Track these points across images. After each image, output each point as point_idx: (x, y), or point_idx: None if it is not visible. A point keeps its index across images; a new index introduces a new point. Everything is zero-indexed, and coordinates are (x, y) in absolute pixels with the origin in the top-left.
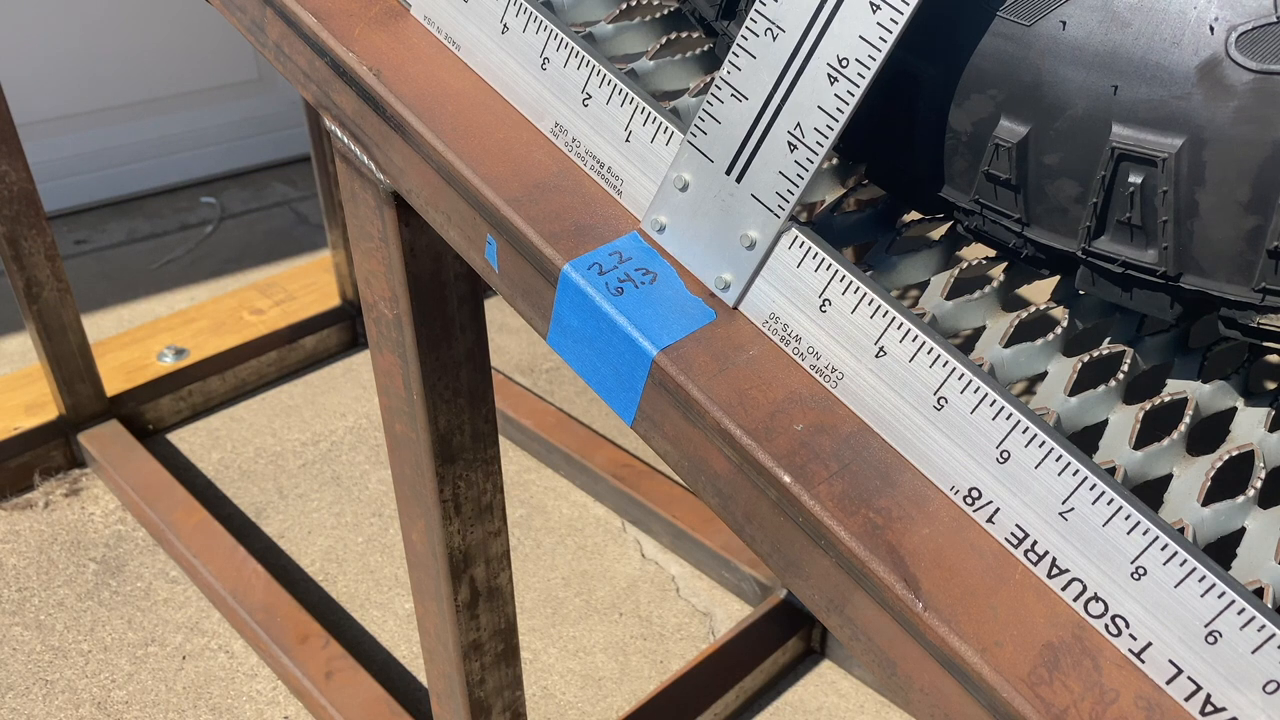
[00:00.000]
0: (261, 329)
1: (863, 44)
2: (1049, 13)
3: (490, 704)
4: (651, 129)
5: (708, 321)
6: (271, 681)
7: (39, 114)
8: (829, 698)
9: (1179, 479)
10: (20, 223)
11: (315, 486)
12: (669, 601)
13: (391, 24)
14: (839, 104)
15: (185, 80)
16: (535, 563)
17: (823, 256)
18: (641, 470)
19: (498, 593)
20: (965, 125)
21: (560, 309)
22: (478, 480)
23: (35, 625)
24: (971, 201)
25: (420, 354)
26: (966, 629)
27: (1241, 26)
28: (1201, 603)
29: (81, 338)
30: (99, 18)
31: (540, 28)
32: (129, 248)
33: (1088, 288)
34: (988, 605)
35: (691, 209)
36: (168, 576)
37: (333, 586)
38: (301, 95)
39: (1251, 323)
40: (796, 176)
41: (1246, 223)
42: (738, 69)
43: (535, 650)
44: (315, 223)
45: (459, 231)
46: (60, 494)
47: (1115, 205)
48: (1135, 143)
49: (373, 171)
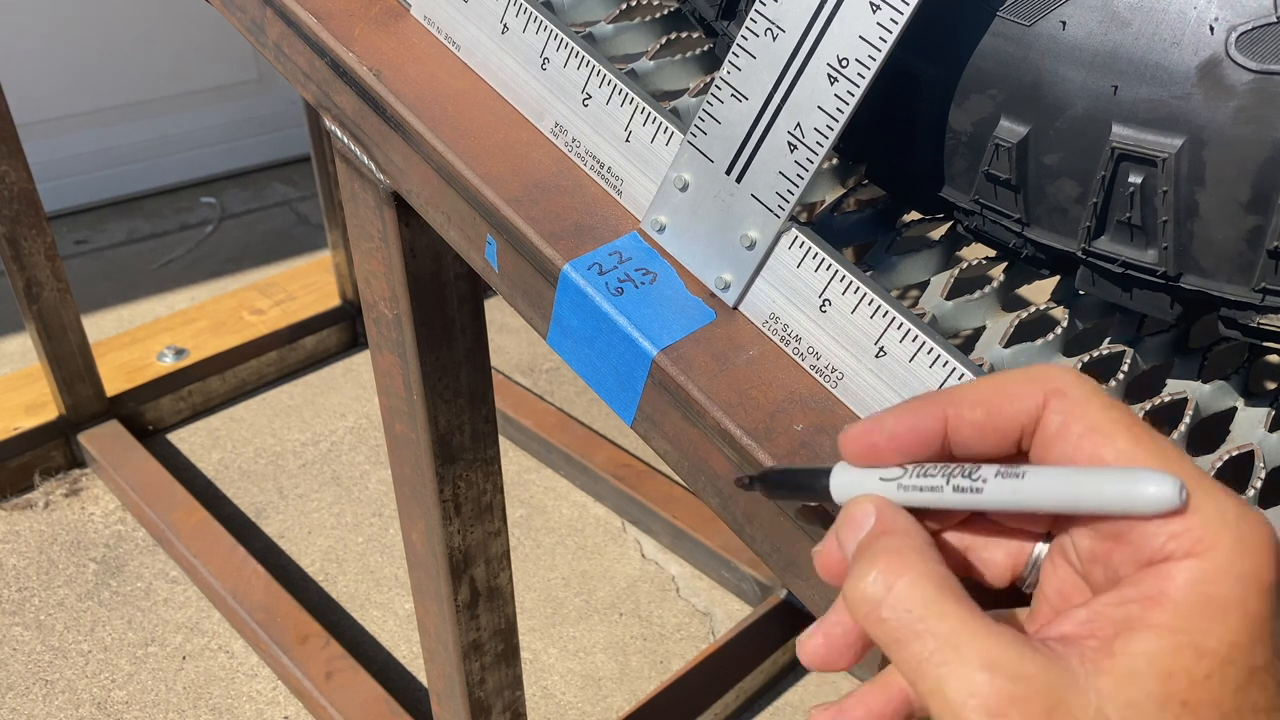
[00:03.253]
0: (261, 329)
1: (863, 44)
2: (1049, 13)
3: (490, 704)
4: (651, 129)
5: (708, 321)
6: (271, 681)
7: (39, 114)
8: (829, 698)
9: None
10: (20, 223)
11: (315, 487)
12: (669, 601)
13: (391, 24)
14: (839, 104)
15: (185, 80)
16: (535, 563)
17: (823, 256)
18: (641, 470)
19: (498, 593)
20: (965, 125)
21: (560, 309)
22: (478, 480)
23: (35, 625)
24: (971, 201)
25: (420, 354)
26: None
27: (1241, 27)
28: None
29: (81, 338)
30: (99, 18)
31: (540, 28)
32: (129, 248)
33: (1088, 288)
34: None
35: (691, 209)
36: (168, 577)
37: (333, 586)
38: (301, 95)
39: (1251, 323)
40: (796, 176)
41: (1246, 223)
42: (738, 69)
43: (535, 650)
44: (315, 223)
45: (459, 231)
46: (60, 494)
47: (1115, 205)
48: (1135, 143)
49: (373, 171)
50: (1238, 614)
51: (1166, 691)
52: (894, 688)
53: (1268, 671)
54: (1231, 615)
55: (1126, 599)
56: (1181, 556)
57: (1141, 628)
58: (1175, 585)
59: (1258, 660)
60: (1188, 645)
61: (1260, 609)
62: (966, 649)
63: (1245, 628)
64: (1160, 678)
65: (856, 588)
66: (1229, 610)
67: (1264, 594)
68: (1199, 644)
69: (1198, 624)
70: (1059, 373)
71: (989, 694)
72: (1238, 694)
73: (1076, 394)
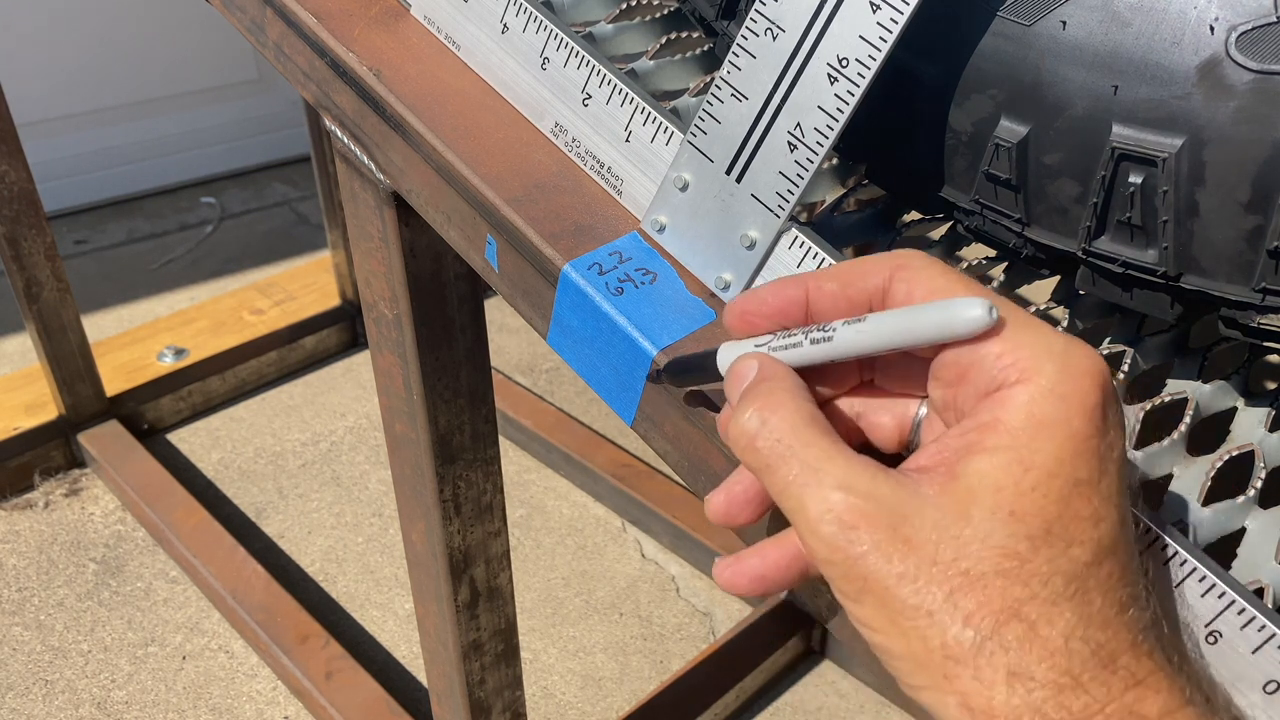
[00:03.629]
0: (261, 329)
1: (863, 44)
2: (1049, 12)
3: (490, 704)
4: (651, 129)
5: (708, 321)
6: (271, 681)
7: (39, 114)
8: (829, 698)
9: (1179, 479)
10: (20, 223)
11: (315, 487)
12: (669, 601)
13: (391, 24)
14: (839, 104)
15: (185, 80)
16: (535, 563)
17: (823, 257)
18: (641, 470)
19: (498, 593)
20: (965, 125)
21: (560, 309)
22: (478, 480)
23: (35, 625)
24: (971, 201)
25: (420, 354)
26: None
27: (1242, 26)
28: (1202, 603)
29: (81, 338)
30: (99, 18)
31: (540, 27)
32: (129, 248)
33: (1088, 288)
34: None
35: (691, 209)
36: (167, 577)
37: (333, 586)
38: (301, 95)
39: (1252, 323)
40: (797, 176)
41: (1247, 222)
42: (737, 69)
43: (535, 650)
44: (315, 223)
45: (459, 231)
46: (60, 494)
47: (1115, 205)
48: (1135, 143)
49: (372, 171)
50: (1062, 432)
51: (996, 503)
52: (788, 544)
53: (1090, 484)
54: (1056, 433)
55: (967, 428)
56: (1012, 384)
57: (978, 450)
58: (1006, 411)
59: (1081, 474)
60: (1016, 461)
61: (1084, 428)
62: (825, 472)
63: (1069, 445)
64: (991, 491)
65: (736, 423)
66: (1054, 429)
67: (1088, 414)
68: (1025, 460)
69: (1025, 442)
70: (907, 251)
71: (843, 510)
72: (1060, 504)
73: (918, 264)
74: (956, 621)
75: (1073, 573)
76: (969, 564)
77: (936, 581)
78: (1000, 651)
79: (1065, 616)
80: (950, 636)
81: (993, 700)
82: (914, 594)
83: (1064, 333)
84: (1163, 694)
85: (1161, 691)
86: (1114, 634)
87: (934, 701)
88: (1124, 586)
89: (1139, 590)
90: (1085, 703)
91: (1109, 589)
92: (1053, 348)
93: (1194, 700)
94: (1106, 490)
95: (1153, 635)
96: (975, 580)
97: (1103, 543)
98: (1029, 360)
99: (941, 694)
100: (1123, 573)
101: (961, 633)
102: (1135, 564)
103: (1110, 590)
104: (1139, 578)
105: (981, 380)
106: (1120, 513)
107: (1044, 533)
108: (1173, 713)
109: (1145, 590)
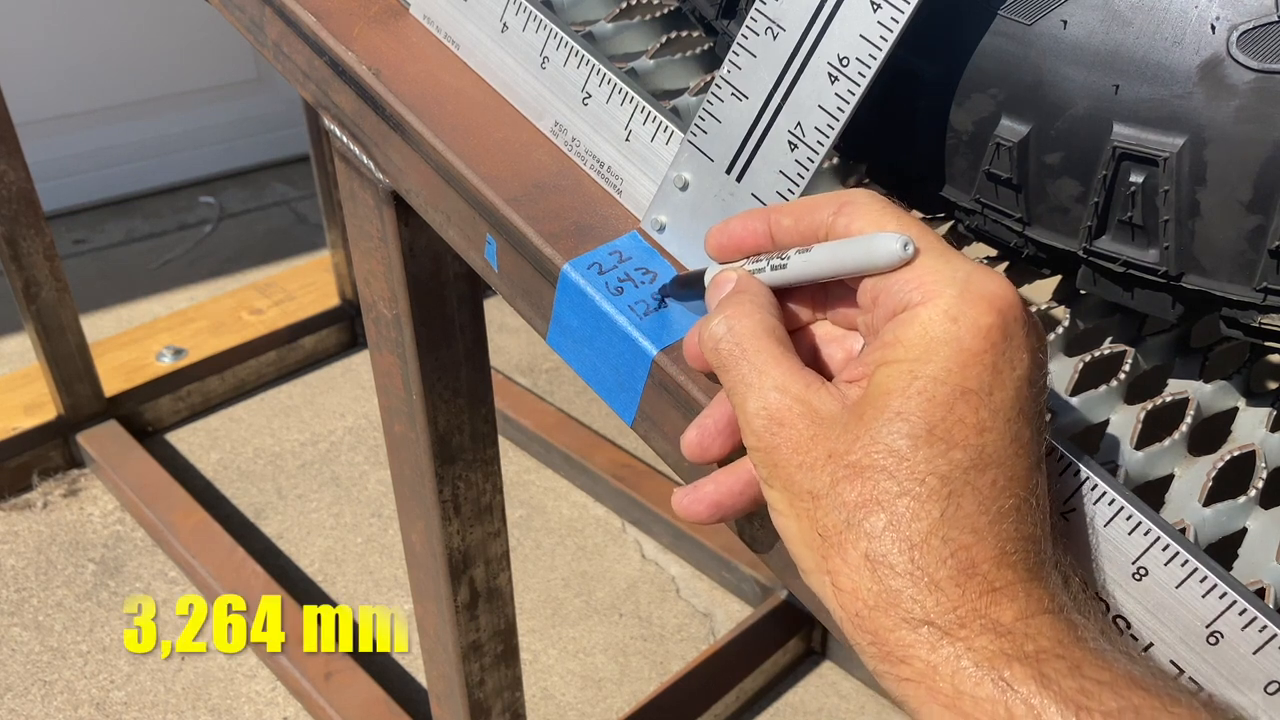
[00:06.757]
0: (260, 329)
1: (863, 43)
2: (1050, 12)
3: (490, 705)
4: (651, 128)
5: None
6: (271, 682)
7: (38, 114)
8: (829, 699)
9: (1180, 479)
10: (19, 223)
11: (314, 487)
12: (669, 602)
13: (391, 23)
14: (840, 103)
15: (184, 80)
16: (535, 563)
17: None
18: (641, 470)
19: (497, 593)
20: (966, 124)
21: (560, 309)
22: (477, 481)
23: (34, 626)
24: (972, 201)
25: (420, 354)
26: None
27: (1243, 26)
28: (1203, 603)
29: (80, 338)
30: (99, 18)
31: (540, 27)
32: (128, 248)
33: (1089, 287)
34: None
35: (692, 208)
36: (166, 577)
37: (332, 587)
38: (300, 95)
39: (1253, 322)
40: (797, 176)
41: (1248, 222)
42: (738, 68)
43: (535, 651)
44: (314, 222)
45: (458, 231)
46: (59, 494)
47: (1116, 205)
48: (1136, 142)
49: (372, 171)
50: (951, 348)
51: (886, 405)
52: (742, 471)
53: (978, 394)
54: (946, 348)
55: (875, 347)
56: (915, 305)
57: (882, 363)
58: (905, 329)
59: (970, 384)
60: (907, 371)
61: (975, 344)
62: (767, 375)
63: (957, 358)
64: (883, 395)
65: (706, 327)
66: (944, 344)
67: (980, 333)
68: (915, 370)
69: (916, 354)
70: (854, 190)
71: (776, 408)
72: (944, 408)
73: (861, 200)
74: (835, 507)
75: (949, 474)
76: (856, 458)
77: (828, 471)
78: (863, 538)
79: (931, 515)
80: (829, 520)
81: (856, 583)
82: (808, 479)
83: (979, 264)
84: (1019, 601)
85: (1018, 599)
86: (979, 540)
87: (816, 584)
88: (1005, 498)
89: (1024, 505)
90: (938, 599)
91: (986, 497)
92: (956, 275)
93: (1055, 610)
94: (998, 403)
95: (1029, 549)
96: (859, 472)
97: (985, 450)
98: (932, 285)
99: (820, 575)
100: (1006, 483)
101: (835, 517)
102: (1028, 480)
103: (986, 499)
104: (1028, 494)
105: (890, 303)
106: (1011, 427)
107: (926, 433)
108: (1028, 618)
109: (1034, 506)
